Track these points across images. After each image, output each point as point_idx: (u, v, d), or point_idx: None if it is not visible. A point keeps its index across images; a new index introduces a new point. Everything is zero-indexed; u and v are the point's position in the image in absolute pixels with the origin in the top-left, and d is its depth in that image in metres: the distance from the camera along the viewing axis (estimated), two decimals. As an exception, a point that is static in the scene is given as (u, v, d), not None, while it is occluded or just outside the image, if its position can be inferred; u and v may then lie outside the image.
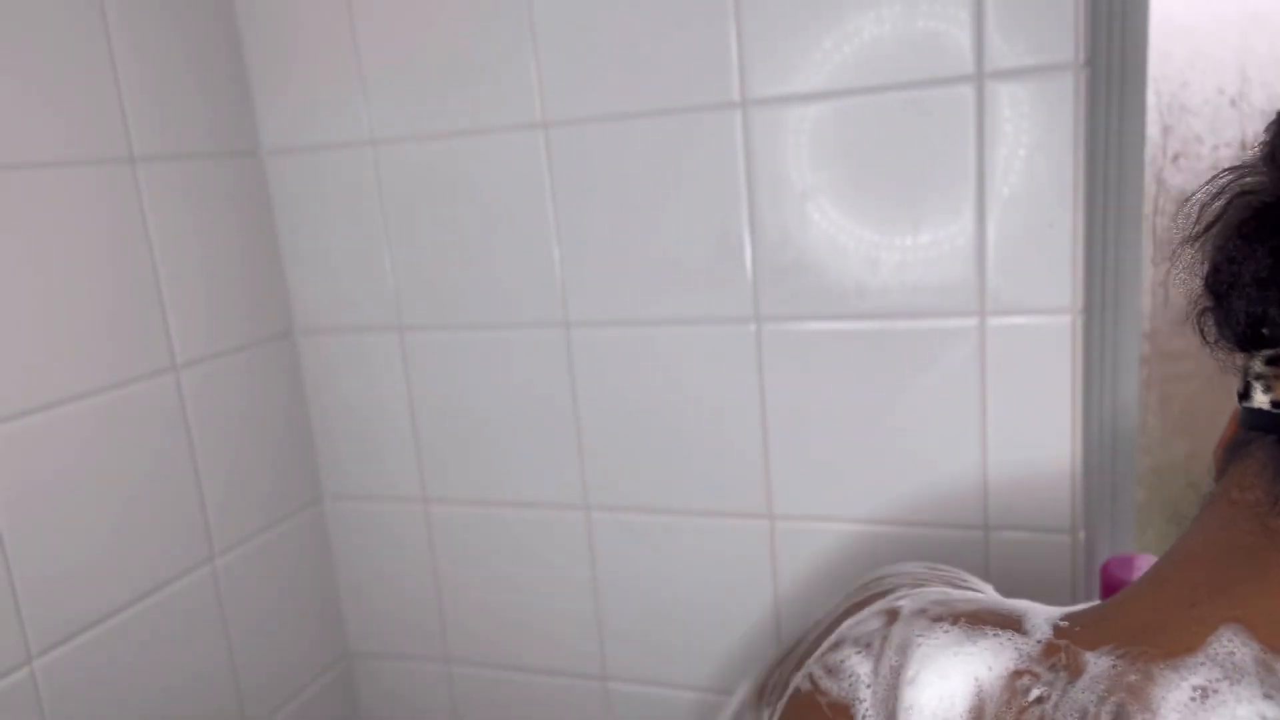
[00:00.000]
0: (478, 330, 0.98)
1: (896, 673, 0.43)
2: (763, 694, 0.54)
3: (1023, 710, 0.39)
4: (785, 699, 0.48)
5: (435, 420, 1.03)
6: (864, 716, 0.43)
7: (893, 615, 0.46)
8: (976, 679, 0.41)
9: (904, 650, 0.44)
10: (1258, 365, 0.40)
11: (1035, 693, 0.39)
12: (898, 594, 0.48)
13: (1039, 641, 0.41)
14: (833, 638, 0.48)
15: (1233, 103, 0.81)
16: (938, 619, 0.44)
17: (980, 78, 0.76)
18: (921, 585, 0.49)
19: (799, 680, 0.47)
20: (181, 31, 0.92)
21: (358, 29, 0.94)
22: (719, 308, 0.88)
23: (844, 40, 0.79)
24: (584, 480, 0.98)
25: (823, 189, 0.83)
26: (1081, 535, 0.83)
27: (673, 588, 0.98)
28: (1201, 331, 0.42)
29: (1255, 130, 0.41)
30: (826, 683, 0.46)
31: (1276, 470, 0.39)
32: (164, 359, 0.90)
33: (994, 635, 0.42)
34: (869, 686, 0.44)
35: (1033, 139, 0.76)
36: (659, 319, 0.91)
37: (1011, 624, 0.43)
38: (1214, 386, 0.86)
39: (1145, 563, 0.83)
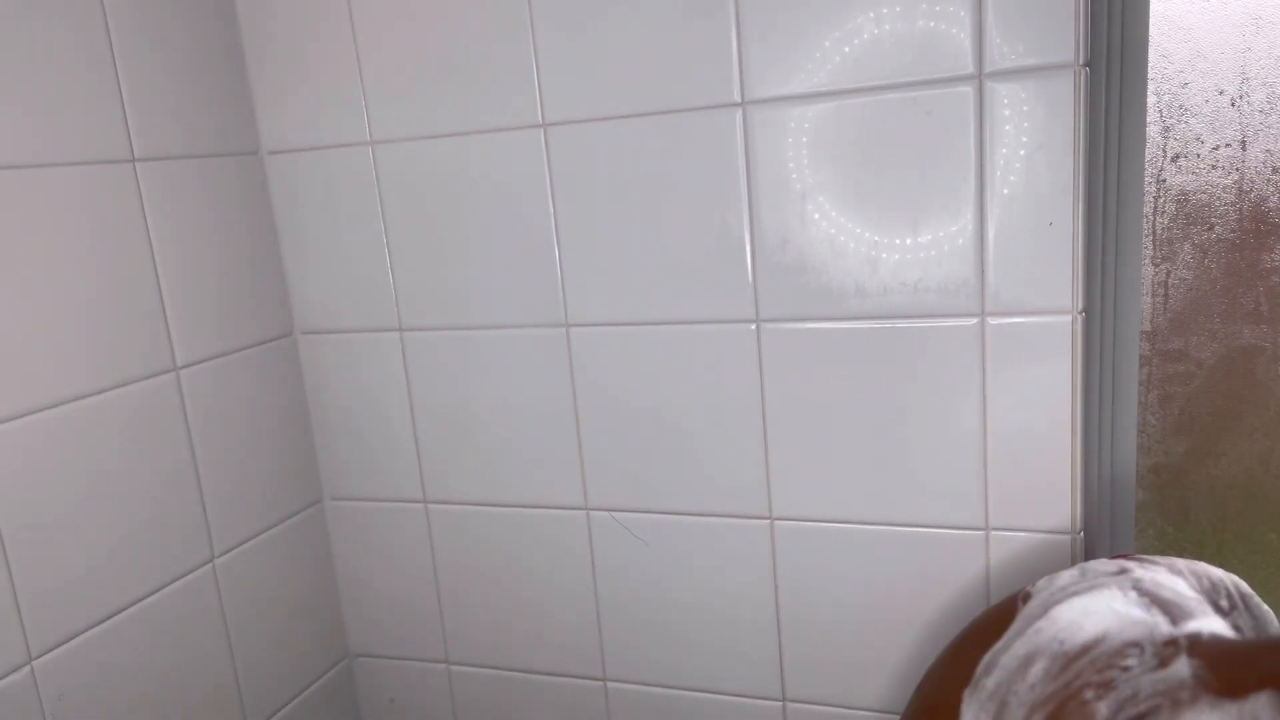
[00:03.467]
0: (478, 330, 0.98)
1: (1066, 590, 0.52)
2: None
3: (1105, 669, 0.45)
4: None
5: (435, 421, 1.02)
6: (1028, 604, 0.53)
7: (1123, 570, 0.54)
8: (1106, 630, 0.48)
9: (1086, 579, 0.52)
10: None
11: (1127, 662, 0.46)
12: (1154, 561, 0.55)
13: (1169, 634, 0.47)
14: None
15: (1233, 103, 0.81)
16: (1141, 590, 0.52)
17: (980, 78, 0.76)
18: (1178, 572, 0.56)
19: None
20: (182, 32, 0.92)
21: (358, 30, 0.94)
22: (719, 308, 0.88)
23: (844, 40, 0.79)
24: (584, 480, 0.98)
25: (823, 189, 0.83)
26: (1081, 535, 0.83)
27: (673, 588, 0.98)
28: None
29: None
30: (1038, 582, 0.55)
31: None
32: (164, 359, 0.90)
33: (1151, 612, 0.49)
34: (1047, 590, 0.53)
35: (1033, 139, 0.76)
36: (659, 319, 0.91)
37: (1173, 613, 0.50)
38: (1214, 386, 0.86)
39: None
